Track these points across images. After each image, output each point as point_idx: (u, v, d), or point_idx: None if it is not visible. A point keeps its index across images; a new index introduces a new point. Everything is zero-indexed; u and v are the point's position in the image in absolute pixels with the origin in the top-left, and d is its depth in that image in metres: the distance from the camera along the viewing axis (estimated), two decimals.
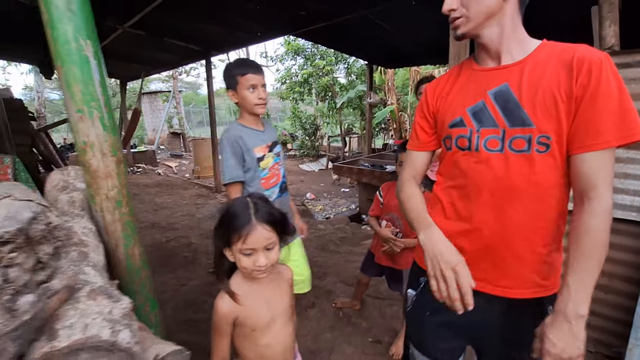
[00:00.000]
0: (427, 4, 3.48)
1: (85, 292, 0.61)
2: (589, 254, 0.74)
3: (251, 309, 0.97)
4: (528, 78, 0.79)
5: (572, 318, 0.73)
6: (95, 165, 0.85)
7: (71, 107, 0.82)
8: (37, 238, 0.64)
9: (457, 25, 0.84)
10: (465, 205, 0.89)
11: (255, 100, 1.50)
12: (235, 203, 0.96)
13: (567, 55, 0.77)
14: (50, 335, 0.53)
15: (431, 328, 0.98)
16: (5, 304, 0.49)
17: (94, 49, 0.83)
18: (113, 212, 0.89)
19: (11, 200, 0.78)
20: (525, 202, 0.81)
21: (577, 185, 0.78)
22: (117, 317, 0.59)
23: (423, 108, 1.02)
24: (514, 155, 0.81)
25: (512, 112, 0.80)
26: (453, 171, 0.93)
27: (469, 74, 0.92)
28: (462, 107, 0.89)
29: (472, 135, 0.86)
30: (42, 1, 0.77)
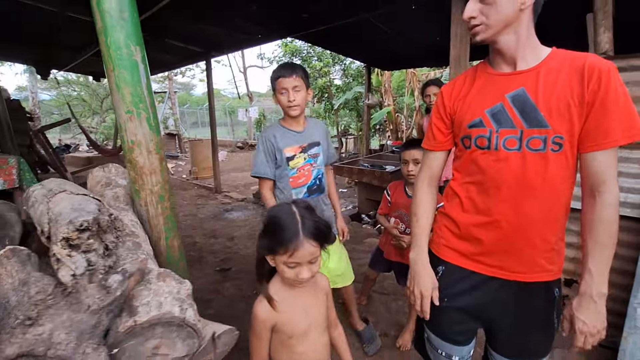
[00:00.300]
0: (426, 7, 3.59)
1: (155, 275, 0.68)
2: (604, 241, 0.86)
3: (290, 315, 0.96)
4: (544, 83, 0.87)
5: (596, 297, 0.86)
6: (141, 163, 0.91)
7: (121, 108, 0.88)
8: (104, 227, 0.71)
9: (477, 31, 0.90)
10: (484, 200, 0.96)
11: (286, 103, 1.56)
12: (282, 212, 0.94)
13: (579, 63, 0.85)
14: (131, 312, 0.59)
15: (449, 312, 1.05)
16: (100, 282, 0.56)
17: (142, 55, 0.89)
18: (156, 206, 0.96)
19: (67, 194, 0.85)
20: (539, 196, 0.90)
21: (588, 180, 0.88)
22: (183, 297, 0.65)
23: (439, 109, 1.07)
24: (531, 154, 0.88)
25: (530, 114, 0.87)
26: (471, 168, 0.99)
27: (485, 77, 0.98)
28: (481, 109, 0.95)
29: (492, 135, 0.92)
30: (97, 10, 0.83)
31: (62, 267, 0.56)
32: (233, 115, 19.08)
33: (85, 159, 9.15)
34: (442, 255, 1.08)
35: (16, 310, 0.51)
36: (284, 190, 1.70)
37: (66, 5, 3.65)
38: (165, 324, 0.61)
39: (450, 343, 1.09)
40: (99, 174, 1.06)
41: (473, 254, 1.01)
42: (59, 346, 0.49)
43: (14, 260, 0.54)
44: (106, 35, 0.84)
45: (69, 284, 0.53)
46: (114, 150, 7.57)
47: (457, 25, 2.64)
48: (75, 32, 4.71)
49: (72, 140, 16.56)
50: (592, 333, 0.88)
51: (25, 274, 0.54)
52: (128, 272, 0.62)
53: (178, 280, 0.69)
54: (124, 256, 0.76)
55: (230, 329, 0.76)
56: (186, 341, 0.65)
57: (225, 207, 5.38)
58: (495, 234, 0.96)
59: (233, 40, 5.19)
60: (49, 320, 0.51)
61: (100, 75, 8.49)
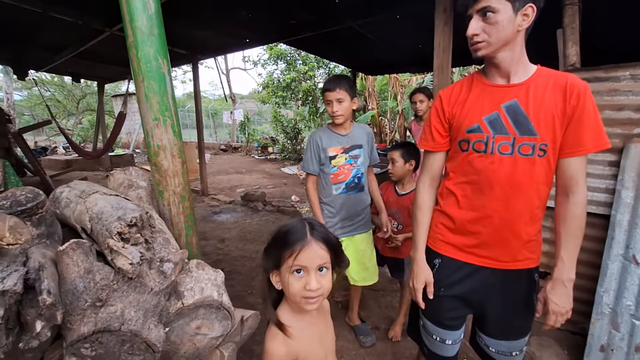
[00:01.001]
0: (409, 17, 3.78)
1: (194, 264, 0.77)
2: (574, 234, 1.03)
3: (308, 346, 0.86)
4: (533, 97, 1.00)
5: (567, 282, 1.03)
6: (166, 166, 0.99)
7: (148, 115, 0.96)
8: (144, 224, 0.79)
9: (479, 48, 1.01)
10: (478, 198, 1.09)
11: (331, 112, 1.81)
12: (290, 222, 0.87)
13: (562, 81, 0.99)
14: (178, 296, 0.68)
15: (446, 301, 1.18)
16: (158, 268, 0.65)
17: (168, 67, 0.97)
18: (178, 205, 1.04)
19: (101, 195, 0.92)
20: (526, 194, 1.04)
21: (563, 181, 1.04)
22: (219, 283, 0.74)
23: (438, 113, 1.17)
24: (521, 158, 1.02)
25: (522, 124, 1.00)
26: (467, 169, 1.10)
27: (481, 87, 1.09)
28: (478, 116, 1.06)
29: (489, 141, 1.04)
30: (129, 26, 0.91)
31: (119, 257, 0.64)
32: (215, 117, 18.92)
33: (64, 161, 8.90)
34: (439, 249, 1.20)
35: (84, 294, 0.59)
36: (326, 185, 1.92)
37: (49, 5, 3.61)
38: (206, 306, 0.70)
39: (445, 329, 1.21)
40: (120, 176, 1.13)
41: (467, 246, 1.14)
42: (130, 322, 0.57)
43: (79, 251, 0.61)
44: (137, 49, 0.92)
45: (130, 270, 0.62)
46: (97, 152, 7.39)
47: (440, 37, 2.82)
48: (56, 32, 4.64)
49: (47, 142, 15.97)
50: (561, 313, 1.05)
51: (88, 264, 0.62)
52: (174, 261, 0.71)
53: (213, 269, 0.78)
54: (158, 250, 0.85)
55: (255, 313, 0.86)
56: (222, 322, 0.74)
57: (214, 209, 5.40)
58: (488, 228, 1.09)
59: (220, 43, 5.23)
60: (118, 301, 0.59)
61: (80, 76, 8.30)
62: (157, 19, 0.94)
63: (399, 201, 2.08)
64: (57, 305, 0.53)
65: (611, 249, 1.99)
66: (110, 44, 4.98)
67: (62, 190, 1.00)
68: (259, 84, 12.01)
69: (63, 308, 0.56)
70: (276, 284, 0.83)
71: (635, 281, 1.90)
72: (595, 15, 2.78)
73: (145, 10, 0.92)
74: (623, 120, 2.03)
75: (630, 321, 1.90)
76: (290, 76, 9.71)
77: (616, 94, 2.05)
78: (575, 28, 2.34)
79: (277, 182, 8.18)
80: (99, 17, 3.97)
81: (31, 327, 0.53)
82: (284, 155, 11.34)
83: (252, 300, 2.69)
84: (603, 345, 1.99)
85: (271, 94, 10.67)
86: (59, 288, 0.60)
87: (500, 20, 0.95)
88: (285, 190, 7.40)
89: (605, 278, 1.99)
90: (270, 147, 12.71)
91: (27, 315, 0.54)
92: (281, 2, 3.65)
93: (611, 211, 2.01)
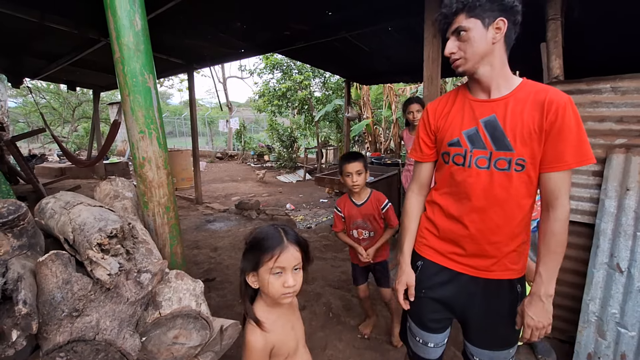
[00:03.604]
0: (401, 29, 3.86)
1: (173, 275, 0.78)
2: (554, 250, 1.03)
3: (282, 335, 0.97)
4: (511, 112, 1.02)
5: (544, 297, 1.03)
6: (151, 177, 1.01)
7: (134, 128, 0.98)
8: (126, 235, 0.80)
9: (458, 65, 1.05)
10: (457, 208, 1.12)
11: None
12: (265, 229, 0.97)
13: (541, 97, 1.00)
14: (155, 306, 0.69)
15: (426, 302, 1.21)
16: (135, 279, 0.66)
17: (154, 81, 1.00)
18: (163, 216, 1.05)
19: (85, 206, 0.94)
20: (504, 207, 1.06)
21: (544, 196, 1.06)
22: (198, 293, 0.76)
23: (425, 126, 1.21)
24: (497, 172, 1.04)
25: (498, 139, 1.03)
26: (450, 181, 1.14)
27: (463, 101, 1.12)
28: (458, 130, 1.09)
29: (467, 154, 1.07)
30: (116, 43, 0.94)
31: (98, 268, 0.66)
32: (212, 125, 18.96)
33: (58, 169, 8.86)
34: (422, 253, 1.24)
35: (62, 304, 0.60)
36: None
37: (46, 15, 3.66)
38: (184, 316, 0.72)
39: (427, 331, 1.24)
40: (107, 187, 1.14)
41: (448, 252, 1.17)
42: (105, 332, 0.59)
43: (58, 262, 0.63)
44: (124, 64, 0.95)
45: (107, 281, 0.63)
46: (90, 160, 7.38)
47: (429, 49, 2.88)
48: (51, 41, 4.68)
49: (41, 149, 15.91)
50: (537, 327, 1.05)
51: (67, 275, 0.63)
52: (152, 272, 0.72)
53: (192, 279, 0.80)
54: (140, 260, 0.86)
55: (235, 322, 0.87)
56: (200, 332, 0.76)
57: (207, 218, 5.39)
58: (466, 238, 1.12)
59: (216, 53, 5.29)
60: (94, 311, 0.60)
61: (75, 85, 8.33)
62: (144, 35, 0.97)
63: (360, 211, 2.14)
64: (33, 315, 0.55)
65: (596, 258, 2.02)
66: (105, 53, 5.00)
67: (47, 201, 1.01)
68: (255, 93, 12.10)
69: (40, 318, 0.57)
70: (253, 283, 0.93)
71: (619, 289, 1.92)
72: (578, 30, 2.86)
73: (132, 27, 0.94)
74: (605, 131, 2.08)
75: (616, 329, 1.92)
76: (286, 85, 9.80)
77: (598, 106, 2.10)
78: (558, 42, 2.40)
79: (273, 190, 8.20)
80: (94, 27, 4.02)
81: (8, 336, 0.55)
82: (280, 164, 11.37)
83: (242, 310, 2.69)
84: (590, 353, 2.00)
85: (267, 102, 10.75)
86: (37, 298, 0.61)
87: (472, 37, 0.99)
88: (280, 199, 7.41)
89: (591, 286, 2.02)
90: (267, 155, 12.75)
91: (4, 324, 0.56)
92: (275, 15, 3.72)
93: (596, 220, 2.04)
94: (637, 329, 1.84)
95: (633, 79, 1.99)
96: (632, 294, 1.87)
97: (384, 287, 2.27)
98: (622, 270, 1.92)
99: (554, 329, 2.39)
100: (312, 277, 3.23)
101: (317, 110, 9.69)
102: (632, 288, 1.87)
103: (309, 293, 2.91)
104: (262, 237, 0.94)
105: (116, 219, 0.79)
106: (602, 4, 2.68)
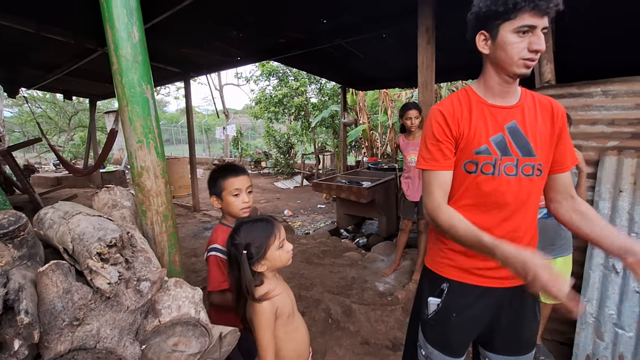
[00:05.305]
0: (395, 36, 3.92)
1: (172, 283, 0.79)
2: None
3: (282, 296, 1.13)
4: (529, 119, 1.04)
5: None
6: (149, 186, 1.03)
7: (132, 138, 0.99)
8: (125, 244, 0.81)
9: (534, 64, 0.98)
10: (485, 219, 1.06)
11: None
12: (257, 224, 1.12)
13: (547, 104, 1.07)
14: (155, 314, 0.70)
15: (457, 326, 1.12)
16: (135, 287, 0.67)
17: (151, 92, 1.02)
18: (161, 224, 1.06)
19: (84, 215, 0.95)
20: (528, 211, 1.08)
21: (559, 191, 1.11)
22: (197, 301, 0.77)
23: (444, 131, 1.08)
24: (524, 179, 1.04)
25: (523, 145, 1.03)
26: (476, 192, 1.07)
27: (481, 107, 1.06)
28: (486, 137, 1.04)
29: (497, 163, 1.03)
30: (114, 54, 0.96)
31: (97, 277, 0.66)
32: (209, 132, 18.98)
33: (54, 179, 8.83)
34: (446, 274, 1.15)
35: (62, 314, 0.61)
36: None
37: (43, 26, 3.68)
38: (183, 323, 0.72)
39: (453, 356, 1.16)
40: (105, 196, 1.15)
41: (476, 268, 1.10)
42: (106, 340, 0.59)
43: (58, 272, 0.64)
44: (121, 76, 0.97)
45: (107, 290, 0.64)
46: (87, 169, 7.37)
47: (423, 55, 2.93)
48: (48, 52, 4.71)
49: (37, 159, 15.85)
50: None
51: (67, 284, 0.64)
52: (152, 280, 0.73)
53: (191, 287, 0.81)
54: (139, 269, 0.87)
55: (234, 329, 0.88)
56: (199, 339, 0.76)
57: (205, 225, 5.38)
58: None
59: (212, 61, 5.33)
60: (95, 319, 0.61)
61: (71, 94, 8.34)
62: (141, 47, 0.99)
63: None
64: (34, 324, 0.56)
65: (592, 259, 2.04)
66: (102, 62, 5.06)
67: (46, 212, 1.02)
68: (252, 100, 12.16)
69: (41, 327, 0.58)
70: (262, 267, 1.10)
71: (615, 290, 1.94)
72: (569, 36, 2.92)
73: (129, 39, 0.96)
74: (597, 134, 2.12)
75: (614, 330, 1.94)
76: (282, 92, 9.86)
77: (590, 109, 2.14)
78: (549, 47, 2.45)
79: (270, 197, 8.20)
80: (91, 36, 4.05)
81: (10, 346, 0.55)
82: (277, 170, 11.39)
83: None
84: (588, 355, 2.01)
85: (264, 109, 10.80)
86: (37, 308, 0.62)
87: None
88: (278, 205, 7.42)
89: (588, 287, 2.04)
90: (264, 162, 12.77)
91: (6, 334, 0.56)
92: (270, 23, 3.76)
93: None
94: (634, 330, 1.85)
95: (623, 83, 2.03)
96: (628, 294, 1.89)
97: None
98: (618, 271, 1.94)
99: (553, 331, 2.41)
100: (311, 283, 3.22)
101: (313, 116, 9.73)
102: (627, 289, 1.89)
103: (308, 299, 2.90)
104: (263, 231, 1.11)
105: (115, 228, 0.80)
106: (592, 10, 2.74)
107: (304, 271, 3.51)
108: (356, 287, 3.11)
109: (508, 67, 0.98)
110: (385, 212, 4.53)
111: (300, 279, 3.30)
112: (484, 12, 0.97)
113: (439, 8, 2.80)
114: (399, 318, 2.63)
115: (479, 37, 1.02)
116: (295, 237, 4.70)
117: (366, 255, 3.87)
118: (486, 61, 1.06)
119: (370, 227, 5.55)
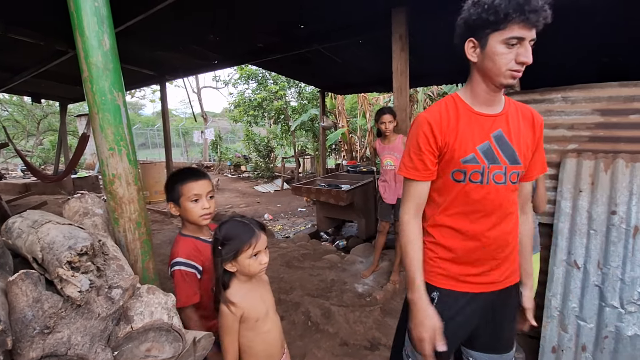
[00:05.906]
0: (371, 42, 4.01)
1: (145, 289, 0.79)
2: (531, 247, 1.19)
3: (251, 303, 1.15)
4: (513, 128, 1.06)
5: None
6: (121, 193, 1.02)
7: (104, 145, 0.99)
8: (96, 252, 0.81)
9: (520, 75, 0.98)
10: (475, 227, 1.09)
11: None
12: (233, 225, 1.15)
13: (527, 113, 1.10)
14: (127, 320, 0.70)
15: (448, 332, 1.10)
16: (106, 295, 0.67)
17: (123, 99, 1.02)
18: (134, 232, 1.06)
19: (54, 224, 0.94)
20: (512, 217, 1.12)
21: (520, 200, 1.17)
22: (170, 307, 0.78)
23: (429, 140, 1.06)
24: (512, 186, 1.08)
25: (510, 153, 1.05)
26: (464, 200, 1.08)
27: (468, 115, 1.06)
28: (472, 146, 1.03)
29: (485, 171, 1.04)
30: (85, 62, 0.95)
31: (68, 285, 0.66)
32: (186, 136, 18.62)
33: (22, 185, 8.43)
34: (435, 283, 1.15)
35: (33, 322, 0.60)
36: None
37: (10, 27, 3.55)
38: (156, 329, 0.73)
39: None
40: (76, 204, 1.14)
41: (465, 275, 1.12)
42: (77, 347, 0.60)
43: (28, 281, 0.63)
44: (92, 83, 0.96)
45: (78, 298, 0.64)
46: (57, 176, 7.07)
47: (397, 62, 3.02)
48: (16, 53, 4.53)
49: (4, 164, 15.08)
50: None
51: (37, 293, 0.64)
52: (123, 287, 0.74)
53: (164, 293, 0.82)
54: (111, 277, 0.87)
55: (208, 333, 0.89)
56: (173, 344, 0.77)
57: None
58: (487, 255, 1.10)
59: (189, 65, 5.27)
60: (65, 327, 0.61)
61: (41, 97, 8.03)
62: (112, 54, 0.99)
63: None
64: (7, 332, 0.55)
65: (556, 256, 2.15)
66: (73, 65, 4.85)
67: (14, 221, 1.00)
68: (231, 103, 12.05)
69: (13, 335, 0.58)
70: (231, 268, 1.13)
71: (577, 284, 2.05)
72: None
73: (100, 47, 0.96)
74: (558, 138, 2.24)
75: (576, 322, 2.04)
76: (262, 95, 9.83)
77: (551, 114, 2.26)
78: None
79: (250, 201, 8.15)
80: (61, 38, 3.93)
81: None
82: (257, 174, 11.32)
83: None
84: (554, 346, 2.11)
85: (243, 112, 10.72)
86: (9, 317, 0.62)
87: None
88: (258, 209, 7.38)
89: (552, 283, 2.14)
90: (243, 166, 12.65)
91: None
92: (247, 28, 3.77)
93: (554, 220, 2.18)
94: (594, 322, 1.97)
95: (581, 90, 2.17)
96: (589, 288, 2.00)
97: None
98: (579, 266, 2.06)
99: None
100: (291, 287, 3.23)
101: (293, 120, 9.75)
102: (588, 283, 2.01)
103: (288, 303, 2.91)
104: (236, 233, 1.12)
105: (86, 237, 0.80)
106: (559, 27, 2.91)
107: (284, 275, 3.51)
108: (335, 289, 3.14)
109: (495, 77, 0.99)
110: (364, 214, 4.60)
111: (280, 282, 3.30)
112: (474, 20, 0.97)
113: (412, 16, 2.90)
114: (377, 318, 2.68)
115: (468, 44, 1.01)
116: (276, 240, 4.70)
117: (345, 257, 3.91)
118: (473, 69, 1.05)
119: (350, 229, 5.61)
